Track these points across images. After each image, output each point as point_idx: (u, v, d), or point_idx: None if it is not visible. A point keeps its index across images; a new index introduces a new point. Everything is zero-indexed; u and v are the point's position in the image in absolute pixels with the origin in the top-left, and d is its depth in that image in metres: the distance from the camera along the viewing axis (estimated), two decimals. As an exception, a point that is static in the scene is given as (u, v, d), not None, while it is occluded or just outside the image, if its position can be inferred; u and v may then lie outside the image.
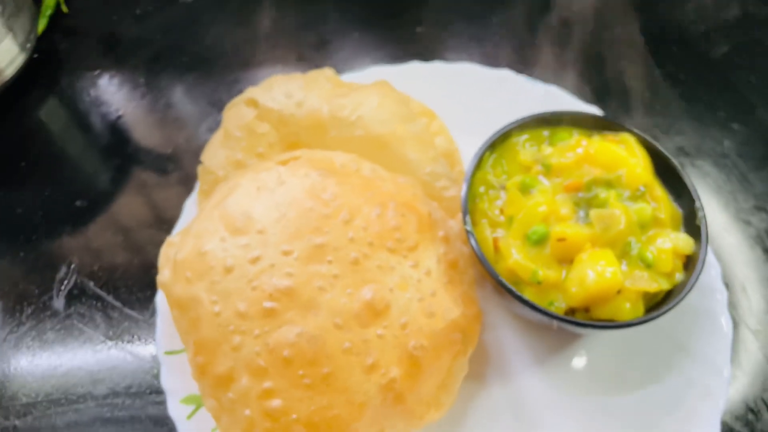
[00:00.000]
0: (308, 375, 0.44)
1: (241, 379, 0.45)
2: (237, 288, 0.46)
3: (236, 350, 0.45)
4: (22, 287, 0.62)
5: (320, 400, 0.45)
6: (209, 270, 0.47)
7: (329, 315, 0.46)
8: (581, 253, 0.52)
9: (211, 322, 0.46)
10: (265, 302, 0.45)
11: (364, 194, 0.51)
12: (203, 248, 0.48)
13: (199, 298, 0.46)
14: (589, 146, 0.57)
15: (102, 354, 0.59)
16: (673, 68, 0.76)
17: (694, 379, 0.56)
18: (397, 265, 0.50)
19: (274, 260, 0.46)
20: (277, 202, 0.49)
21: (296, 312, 0.45)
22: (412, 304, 0.49)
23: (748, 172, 0.69)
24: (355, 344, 0.46)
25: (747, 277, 0.63)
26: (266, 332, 0.45)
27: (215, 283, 0.46)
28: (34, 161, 0.69)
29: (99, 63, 0.75)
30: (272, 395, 0.44)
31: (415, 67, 0.70)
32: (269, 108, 0.56)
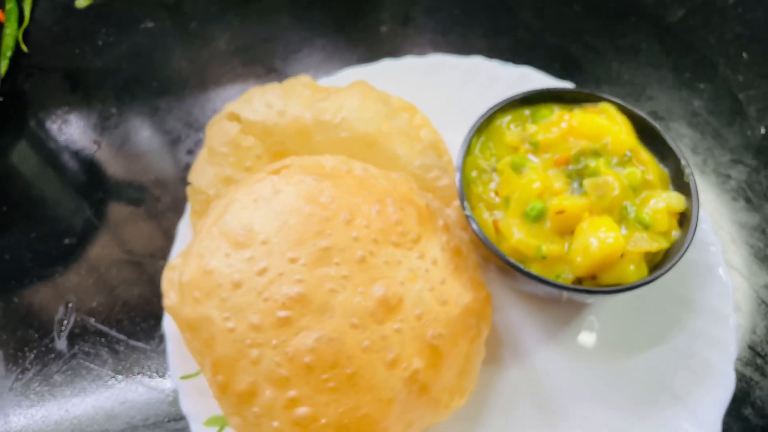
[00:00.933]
0: (332, 378, 0.44)
1: (265, 392, 0.45)
2: (248, 301, 0.45)
3: (256, 364, 0.45)
4: (21, 333, 0.60)
5: (347, 401, 0.45)
6: (217, 287, 0.46)
7: (344, 316, 0.46)
8: (581, 222, 0.53)
9: (226, 339, 0.45)
10: (279, 312, 0.45)
11: (360, 193, 0.52)
12: (208, 266, 0.47)
13: (210, 317, 0.46)
14: (571, 120, 0.58)
15: (113, 390, 0.58)
16: (634, 38, 0.78)
17: (702, 331, 0.57)
18: (404, 259, 0.50)
19: (281, 269, 0.46)
20: (276, 211, 0.49)
21: (311, 317, 0.45)
22: (423, 294, 0.49)
23: (720, 128, 0.71)
24: (374, 341, 0.46)
25: (734, 228, 0.65)
26: (284, 341, 0.45)
27: (225, 299, 0.46)
28: (15, 205, 0.67)
29: (66, 99, 0.74)
30: (298, 403, 0.44)
31: (387, 65, 0.70)
32: (252, 120, 0.56)
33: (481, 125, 0.59)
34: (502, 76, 0.69)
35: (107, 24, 0.80)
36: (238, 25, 0.80)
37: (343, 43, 0.78)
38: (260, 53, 0.77)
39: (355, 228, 0.49)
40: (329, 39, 0.78)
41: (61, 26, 0.80)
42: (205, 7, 0.81)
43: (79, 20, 0.80)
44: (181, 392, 0.53)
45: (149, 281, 0.62)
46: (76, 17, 0.81)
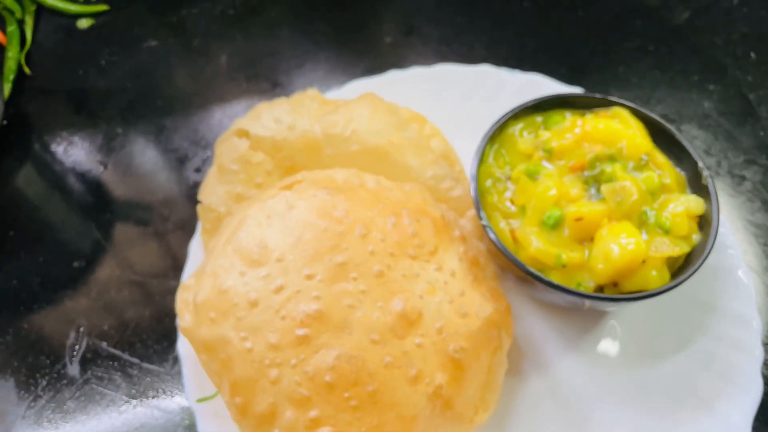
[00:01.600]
0: (354, 396, 0.43)
1: (285, 413, 0.44)
2: (265, 320, 0.45)
3: (275, 384, 0.44)
4: (32, 360, 0.59)
5: (370, 420, 0.44)
6: (233, 307, 0.46)
7: (364, 332, 0.45)
8: (600, 229, 0.52)
9: (244, 359, 0.44)
10: (297, 330, 0.44)
11: (375, 206, 0.51)
12: (223, 286, 0.46)
13: (227, 338, 0.45)
14: (584, 125, 0.57)
15: (128, 414, 0.56)
16: (640, 41, 0.78)
17: (726, 335, 0.56)
18: (422, 271, 0.49)
19: (298, 286, 0.45)
20: (290, 227, 0.48)
21: (330, 335, 0.44)
22: (443, 307, 0.48)
23: (732, 129, 0.71)
24: (395, 357, 0.45)
25: (751, 229, 0.65)
26: (303, 360, 0.44)
27: (241, 319, 0.45)
28: (22, 229, 0.66)
29: (71, 120, 0.73)
30: (320, 423, 0.43)
31: (394, 76, 0.70)
32: (261, 136, 0.55)
33: (493, 133, 0.58)
34: (509, 82, 0.69)
35: (110, 44, 0.79)
36: (241, 41, 0.79)
37: (347, 56, 0.77)
38: (264, 68, 0.77)
39: (370, 242, 0.48)
40: (333, 52, 0.78)
41: (63, 47, 0.79)
42: (207, 24, 0.81)
43: (82, 41, 0.80)
44: (197, 415, 0.52)
45: (161, 302, 0.61)
46: (78, 38, 0.80)
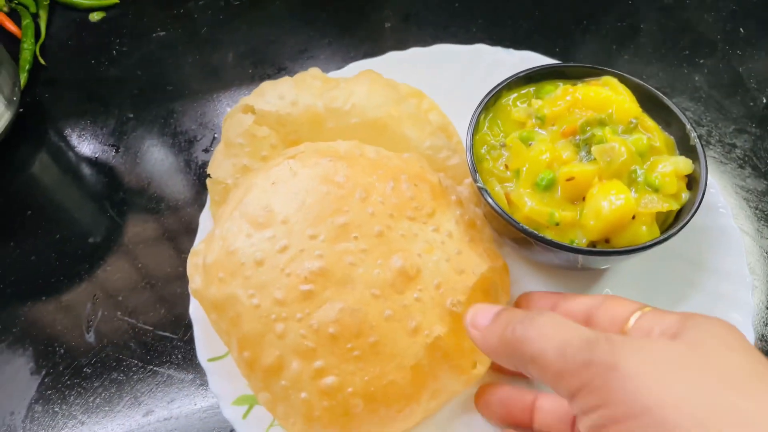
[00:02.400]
0: (356, 347, 0.45)
1: (291, 364, 0.46)
2: (271, 278, 0.47)
3: (282, 337, 0.46)
4: (50, 330, 0.62)
5: (372, 369, 0.46)
6: (241, 266, 0.48)
7: (365, 287, 0.47)
8: (591, 188, 0.54)
9: (251, 315, 0.47)
10: (302, 286, 0.46)
11: (374, 172, 0.53)
12: (231, 247, 0.49)
13: (235, 296, 0.47)
14: (575, 92, 0.59)
15: (143, 377, 0.59)
16: (632, 20, 0.80)
17: (719, 292, 0.58)
18: (420, 232, 0.52)
19: (302, 246, 0.48)
20: (293, 192, 0.51)
21: (333, 290, 0.46)
22: (441, 264, 0.51)
23: (722, 100, 0.73)
24: (395, 311, 0.47)
25: (742, 194, 0.67)
26: (308, 314, 0.46)
27: (249, 277, 0.47)
28: (39, 209, 0.69)
29: (84, 107, 0.76)
30: (325, 373, 0.45)
31: (392, 56, 0.72)
32: (266, 111, 0.58)
33: (487, 104, 0.61)
34: (504, 60, 0.71)
35: (121, 35, 0.83)
36: (246, 30, 0.82)
37: (348, 41, 0.80)
38: (269, 54, 0.80)
39: (370, 204, 0.51)
40: (335, 37, 0.81)
41: (76, 40, 0.83)
42: (213, 15, 0.84)
43: (94, 33, 0.83)
44: (209, 374, 0.54)
45: (173, 273, 0.64)
46: (90, 30, 0.83)
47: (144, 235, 0.66)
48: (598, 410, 0.31)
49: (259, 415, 0.53)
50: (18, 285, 0.64)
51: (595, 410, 0.31)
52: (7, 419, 0.58)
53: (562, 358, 0.33)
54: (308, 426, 0.46)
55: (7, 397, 0.59)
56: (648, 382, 0.30)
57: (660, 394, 0.29)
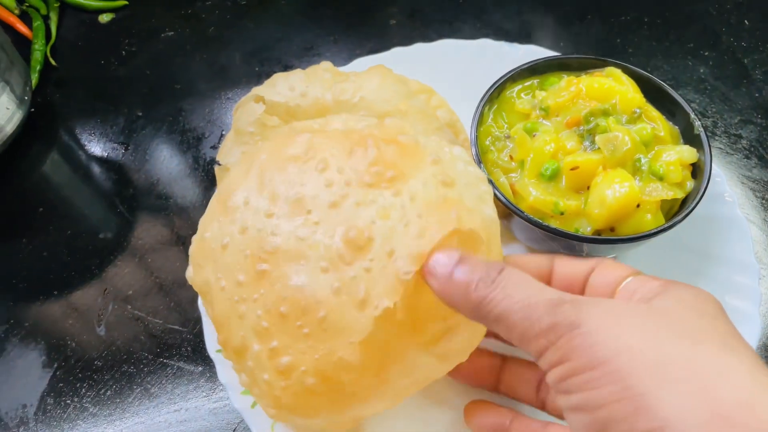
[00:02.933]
0: (305, 324, 0.44)
1: (253, 345, 0.45)
2: (234, 261, 0.47)
3: (242, 318, 0.46)
4: (62, 324, 0.63)
5: (322, 347, 0.44)
6: (212, 252, 0.48)
7: (315, 261, 0.45)
8: (595, 177, 0.54)
9: (220, 298, 0.47)
10: (258, 265, 0.45)
11: (340, 141, 0.50)
12: (205, 234, 0.49)
13: (209, 281, 0.48)
14: (579, 84, 0.60)
15: (152, 369, 0.60)
16: (635, 13, 0.81)
17: (726, 281, 0.58)
18: (378, 197, 0.47)
19: (260, 225, 0.47)
20: (256, 173, 0.50)
21: (285, 267, 0.45)
22: (396, 230, 0.46)
23: (728, 91, 0.73)
24: (343, 283, 0.44)
25: (749, 184, 0.66)
26: (263, 294, 0.45)
27: (216, 261, 0.48)
28: (50, 206, 0.70)
29: (94, 106, 0.78)
30: (280, 353, 0.44)
31: (398, 52, 0.73)
32: (276, 102, 0.59)
33: (491, 96, 0.61)
34: (508, 54, 0.71)
35: (129, 35, 0.84)
36: (253, 29, 0.83)
37: (354, 37, 0.81)
38: (276, 52, 0.81)
39: (327, 174, 0.48)
40: (341, 35, 0.82)
41: (86, 40, 0.84)
42: (221, 15, 0.85)
43: (103, 34, 0.84)
44: (217, 365, 0.55)
45: (182, 267, 0.64)
46: (99, 31, 0.85)
47: (153, 230, 0.67)
48: (562, 364, 0.33)
49: (268, 405, 0.54)
50: (30, 280, 0.65)
51: (559, 364, 0.33)
52: (19, 412, 0.58)
53: (528, 320, 0.35)
54: (278, 409, 0.46)
55: (20, 390, 0.60)
56: (607, 336, 0.32)
57: (617, 346, 0.31)
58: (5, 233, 0.69)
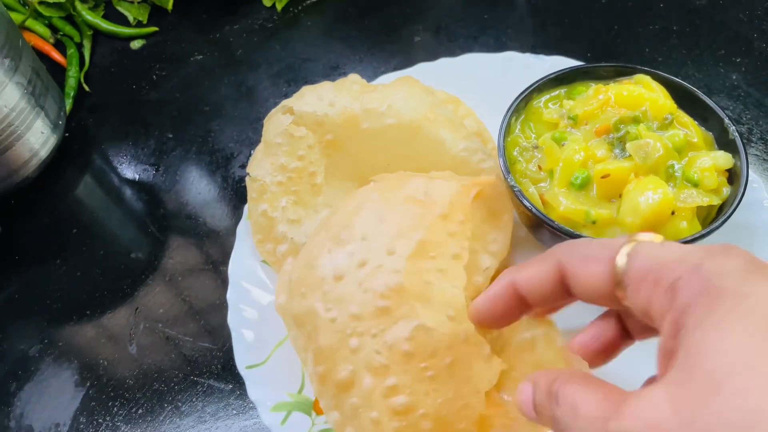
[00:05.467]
0: (431, 367, 0.43)
1: (364, 381, 0.44)
2: (349, 293, 0.46)
3: (355, 353, 0.44)
4: (94, 343, 0.63)
5: (446, 391, 0.43)
6: (321, 281, 0.47)
7: (441, 308, 0.45)
8: (627, 185, 0.53)
9: (327, 329, 0.46)
10: (378, 302, 0.45)
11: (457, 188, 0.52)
12: (313, 263, 0.49)
13: (314, 309, 0.47)
14: (607, 92, 0.59)
15: (183, 387, 0.60)
16: (664, 23, 0.80)
17: None
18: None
19: (380, 261, 0.46)
20: (374, 209, 0.50)
21: (409, 307, 0.45)
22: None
23: (762, 97, 0.71)
24: (470, 335, 0.45)
25: (789, 192, 0.64)
26: (383, 330, 0.44)
27: (327, 292, 0.47)
28: (84, 227, 0.71)
29: (126, 130, 0.79)
30: (397, 392, 0.43)
31: (422, 67, 0.73)
32: (304, 112, 0.60)
33: (518, 107, 0.61)
34: (534, 65, 0.71)
35: (160, 60, 0.86)
36: (280, 50, 0.85)
37: (379, 55, 0.82)
38: (302, 72, 0.81)
39: (451, 223, 0.49)
40: (366, 53, 0.82)
41: (118, 66, 0.86)
42: (248, 38, 0.86)
43: (134, 60, 0.86)
44: (247, 381, 0.55)
45: (212, 285, 0.65)
46: (131, 57, 0.87)
47: (183, 250, 0.68)
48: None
49: (298, 421, 0.53)
50: (63, 300, 0.66)
51: None
52: (53, 431, 0.59)
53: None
54: None
55: (53, 409, 0.60)
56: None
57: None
58: (40, 254, 0.70)
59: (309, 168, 0.61)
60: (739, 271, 0.28)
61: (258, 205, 0.60)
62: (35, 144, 0.71)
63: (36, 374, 0.62)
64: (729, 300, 0.27)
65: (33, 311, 0.66)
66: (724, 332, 0.26)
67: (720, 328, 0.26)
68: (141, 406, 0.59)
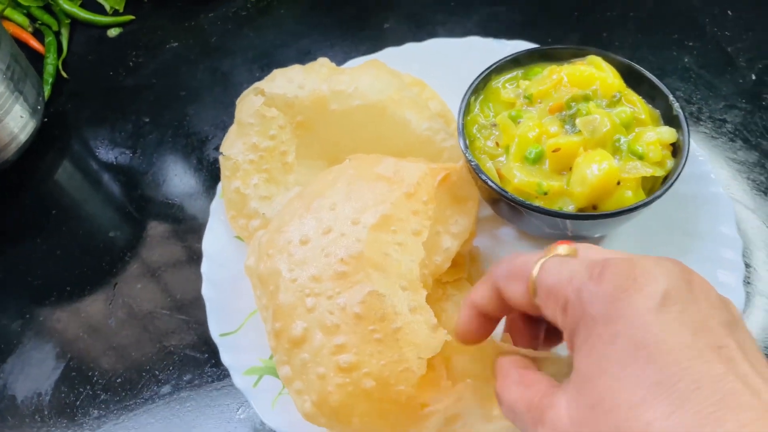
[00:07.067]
0: (379, 330, 0.46)
1: (315, 337, 0.47)
2: (312, 256, 0.49)
3: (311, 311, 0.47)
4: (75, 317, 0.66)
5: (391, 354, 0.46)
6: (288, 244, 0.51)
7: (396, 278, 0.48)
8: (576, 158, 0.57)
9: (287, 288, 0.49)
10: (337, 266, 0.48)
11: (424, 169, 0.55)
12: (282, 228, 0.52)
13: (278, 270, 0.50)
14: (561, 72, 0.62)
15: (160, 357, 0.62)
16: (622, 9, 0.83)
17: (712, 256, 0.59)
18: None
19: (344, 230, 0.50)
20: (346, 183, 0.54)
21: (365, 274, 0.47)
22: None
23: (712, 79, 0.75)
24: (420, 305, 0.48)
25: (734, 166, 0.68)
26: (338, 293, 0.47)
27: (292, 254, 0.50)
28: (63, 209, 0.74)
29: (103, 115, 0.82)
30: (344, 350, 0.46)
31: (390, 52, 0.76)
32: (275, 94, 0.62)
33: (477, 87, 0.64)
34: (496, 50, 0.74)
35: (137, 48, 0.88)
36: (254, 37, 0.87)
37: (350, 42, 0.85)
38: (275, 58, 0.84)
39: (413, 202, 0.52)
40: (337, 39, 0.85)
41: (95, 54, 0.88)
42: (223, 25, 0.89)
43: (112, 47, 0.89)
44: (220, 348, 0.58)
45: (188, 260, 0.68)
46: (108, 45, 0.89)
47: (159, 228, 0.71)
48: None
49: (268, 386, 0.56)
50: (44, 278, 0.69)
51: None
52: (34, 400, 0.61)
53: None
54: (318, 407, 0.47)
55: (35, 380, 0.63)
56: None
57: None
58: (21, 235, 0.72)
59: (280, 147, 0.64)
60: (608, 297, 0.32)
61: (231, 183, 0.62)
62: (14, 128, 0.74)
63: (18, 347, 0.65)
64: (599, 327, 0.31)
65: (15, 288, 0.69)
66: (597, 358, 0.31)
67: (593, 354, 0.31)
68: (120, 376, 0.62)
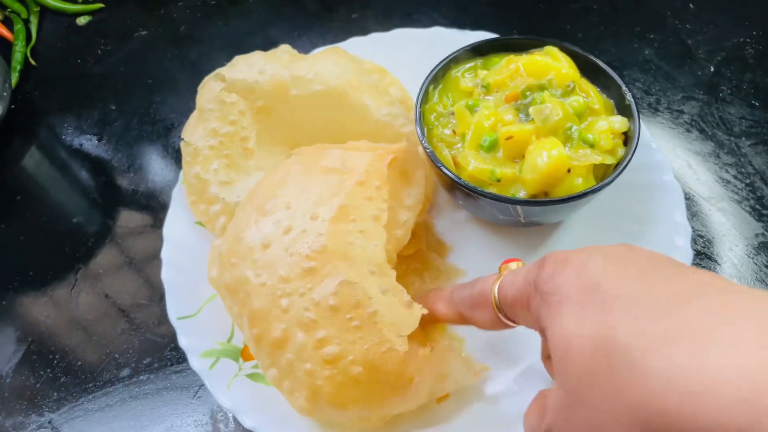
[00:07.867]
0: (356, 317, 0.47)
1: (296, 337, 0.48)
2: (277, 258, 0.49)
3: (286, 312, 0.48)
4: (36, 302, 0.66)
5: (371, 338, 0.47)
6: (250, 250, 0.51)
7: (363, 264, 0.49)
8: (529, 146, 0.58)
9: (259, 293, 0.49)
10: (304, 263, 0.48)
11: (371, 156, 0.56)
12: (241, 234, 0.53)
13: (245, 277, 0.50)
14: (518, 62, 0.63)
15: (121, 339, 0.63)
16: (584, 2, 0.84)
17: (662, 242, 0.61)
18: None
19: (304, 226, 0.50)
20: (297, 180, 0.54)
21: (332, 266, 0.48)
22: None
23: (671, 71, 0.76)
24: (391, 286, 0.49)
25: (690, 156, 0.70)
26: (310, 289, 0.48)
27: (257, 260, 0.50)
28: (28, 194, 0.74)
29: (71, 102, 0.82)
30: (326, 343, 0.47)
31: (355, 41, 0.77)
32: (235, 79, 0.63)
33: (436, 76, 0.65)
34: (460, 40, 0.74)
35: (105, 36, 0.88)
36: (222, 26, 0.88)
37: (317, 32, 0.85)
38: (244, 47, 0.84)
39: (366, 188, 0.53)
40: (304, 29, 0.86)
41: (64, 42, 0.88)
42: (192, 14, 0.89)
43: (80, 35, 0.89)
44: (178, 331, 0.58)
45: (150, 247, 0.68)
46: (77, 33, 0.89)
47: (124, 213, 0.71)
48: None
49: (225, 368, 0.57)
50: (7, 262, 0.69)
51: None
52: (-5, 383, 0.62)
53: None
54: (312, 401, 0.48)
55: (-4, 363, 0.63)
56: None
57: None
58: (-16, 220, 0.73)
59: (241, 132, 0.65)
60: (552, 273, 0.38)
61: (191, 168, 0.63)
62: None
63: (-21, 331, 0.65)
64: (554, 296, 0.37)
65: (-23, 273, 0.69)
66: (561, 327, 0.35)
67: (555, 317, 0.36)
68: (80, 359, 0.62)
